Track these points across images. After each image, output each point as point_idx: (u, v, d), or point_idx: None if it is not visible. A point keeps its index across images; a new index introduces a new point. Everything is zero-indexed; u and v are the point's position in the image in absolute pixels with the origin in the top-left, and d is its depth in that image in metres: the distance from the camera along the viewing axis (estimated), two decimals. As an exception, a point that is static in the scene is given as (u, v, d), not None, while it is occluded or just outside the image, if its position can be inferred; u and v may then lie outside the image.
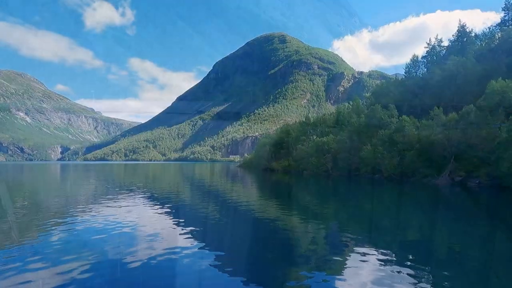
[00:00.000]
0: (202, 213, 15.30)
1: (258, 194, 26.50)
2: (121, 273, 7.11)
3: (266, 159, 64.89)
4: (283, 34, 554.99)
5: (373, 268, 7.50)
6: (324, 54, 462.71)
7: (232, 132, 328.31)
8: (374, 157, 37.06)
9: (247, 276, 7.16)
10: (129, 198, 20.39)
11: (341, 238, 10.58)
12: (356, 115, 50.51)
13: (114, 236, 10.34)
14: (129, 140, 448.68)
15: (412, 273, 7.06)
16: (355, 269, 7.42)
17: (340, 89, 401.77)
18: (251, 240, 10.55)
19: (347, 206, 19.38)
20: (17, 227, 11.69)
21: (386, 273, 7.09)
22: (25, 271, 7.13)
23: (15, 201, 19.13)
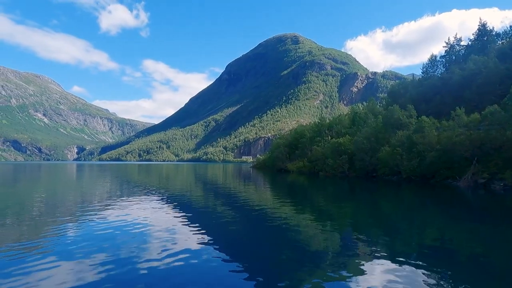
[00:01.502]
0: (216, 213, 15.27)
1: (273, 195, 26.32)
2: (135, 271, 7.16)
3: (280, 160, 64.65)
4: (295, 34, 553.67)
5: (389, 271, 7.30)
6: (337, 54, 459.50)
7: (245, 133, 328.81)
8: (393, 158, 36.41)
9: (260, 276, 7.09)
10: (143, 197, 20.60)
11: (357, 240, 10.36)
12: (373, 115, 49.81)
13: (128, 235, 10.46)
14: (143, 140, 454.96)
15: (429, 278, 6.85)
16: (370, 272, 7.24)
17: (353, 89, 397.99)
18: (265, 241, 10.44)
19: (364, 207, 19.01)
20: (35, 225, 11.95)
21: (402, 277, 6.90)
22: (41, 268, 7.26)
23: (34, 200, 19.62)
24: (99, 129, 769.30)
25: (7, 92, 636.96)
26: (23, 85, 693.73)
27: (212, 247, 9.21)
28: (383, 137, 41.80)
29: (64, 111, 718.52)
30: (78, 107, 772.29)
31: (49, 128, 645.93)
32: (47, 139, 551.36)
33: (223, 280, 6.84)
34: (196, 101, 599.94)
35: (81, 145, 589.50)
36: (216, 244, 9.50)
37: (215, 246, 9.27)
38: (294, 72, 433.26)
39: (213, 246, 9.26)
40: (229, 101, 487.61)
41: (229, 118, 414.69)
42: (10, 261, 7.72)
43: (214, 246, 9.26)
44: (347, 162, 45.02)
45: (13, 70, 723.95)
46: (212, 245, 9.42)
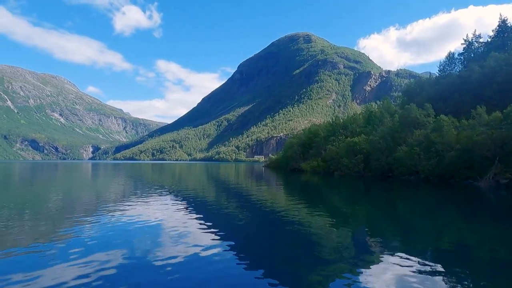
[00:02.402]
0: (228, 213, 15.24)
1: (286, 194, 26.19)
2: (148, 269, 7.23)
3: (294, 159, 64.36)
4: (308, 33, 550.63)
5: (405, 272, 7.11)
6: (350, 53, 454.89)
7: (257, 133, 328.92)
8: (410, 158, 35.79)
9: (272, 276, 7.03)
10: (156, 196, 20.77)
11: (373, 241, 10.17)
12: (389, 114, 49.07)
13: (142, 233, 10.57)
14: (156, 140, 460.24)
15: (447, 281, 6.67)
16: (385, 273, 7.08)
17: (366, 88, 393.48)
18: (278, 241, 10.34)
19: (380, 207, 18.67)
20: (53, 222, 12.19)
21: (418, 279, 6.72)
22: (58, 264, 7.41)
23: (52, 198, 20.08)
24: (114, 128, 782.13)
25: (25, 93, 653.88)
26: (40, 85, 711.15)
27: (225, 246, 9.21)
28: (400, 137, 41.14)
29: (80, 111, 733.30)
30: (93, 107, 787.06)
31: (65, 127, 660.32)
32: (63, 139, 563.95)
33: (236, 279, 6.83)
34: (209, 100, 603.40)
35: (96, 144, 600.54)
36: (228, 244, 9.49)
37: (228, 245, 9.27)
38: (307, 71, 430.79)
39: (225, 245, 9.26)
40: (241, 100, 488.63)
41: (241, 118, 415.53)
42: (29, 257, 7.92)
43: (227, 245, 9.27)
44: (362, 162, 44.49)
45: (31, 71, 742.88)
46: (225, 244, 9.42)
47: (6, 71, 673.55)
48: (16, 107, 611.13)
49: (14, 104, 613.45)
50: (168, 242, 9.47)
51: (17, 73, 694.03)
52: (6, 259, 7.70)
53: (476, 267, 7.84)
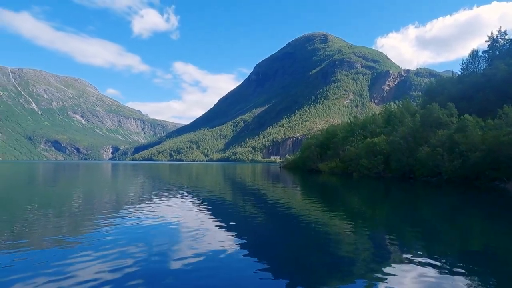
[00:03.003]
0: (244, 213, 15.25)
1: (303, 195, 26.01)
2: (165, 268, 7.33)
3: (311, 160, 63.89)
4: (324, 33, 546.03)
5: (426, 277, 6.90)
6: (368, 52, 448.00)
7: (273, 133, 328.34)
8: (433, 159, 34.90)
9: (288, 278, 6.99)
10: (174, 196, 21.06)
11: (392, 243, 9.94)
12: (410, 114, 48.03)
13: (160, 232, 10.76)
14: (173, 141, 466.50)
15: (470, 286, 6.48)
16: (404, 278, 6.89)
17: (385, 88, 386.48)
18: (294, 242, 10.26)
19: (401, 209, 18.23)
20: (74, 221, 12.55)
21: (440, 284, 6.54)
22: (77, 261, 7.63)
23: (73, 197, 20.74)
24: (132, 129, 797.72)
25: (48, 96, 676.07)
26: (62, 88, 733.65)
27: (241, 246, 9.24)
28: (421, 137, 40.22)
29: (100, 113, 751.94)
30: (113, 108, 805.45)
31: (86, 129, 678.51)
32: (84, 140, 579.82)
33: (252, 280, 6.82)
34: (225, 101, 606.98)
35: (116, 145, 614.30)
36: (244, 244, 9.51)
37: (243, 246, 9.29)
38: (323, 71, 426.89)
39: (241, 246, 9.28)
40: (258, 101, 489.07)
41: (258, 118, 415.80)
42: (52, 254, 8.18)
43: (242, 246, 9.28)
44: (382, 163, 43.71)
45: (54, 75, 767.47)
46: (240, 244, 9.44)
47: (30, 74, 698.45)
48: (40, 109, 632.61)
49: (38, 106, 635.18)
50: (185, 241, 9.60)
51: (41, 77, 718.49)
52: (31, 256, 7.99)
53: (502, 272, 7.56)
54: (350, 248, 9.30)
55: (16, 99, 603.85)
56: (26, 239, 9.61)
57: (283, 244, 9.95)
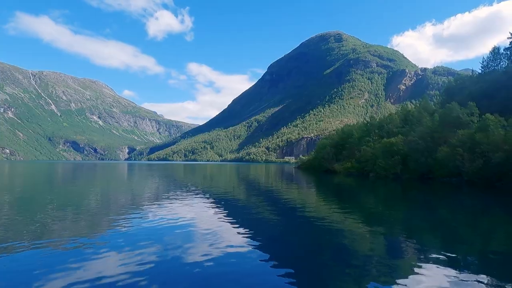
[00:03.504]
0: (258, 214, 15.24)
1: (318, 196, 25.81)
2: (179, 267, 7.42)
3: (327, 160, 63.26)
4: (339, 32, 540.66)
5: (445, 280, 6.73)
6: (383, 51, 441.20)
7: (287, 133, 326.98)
8: (453, 159, 34.05)
9: (302, 279, 6.91)
10: (188, 196, 21.27)
11: (410, 245, 9.71)
12: (428, 114, 47.01)
13: (174, 232, 10.89)
14: (188, 141, 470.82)
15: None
16: (422, 281, 6.74)
17: (401, 87, 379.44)
18: (308, 242, 10.21)
19: (419, 211, 17.77)
20: (91, 220, 12.85)
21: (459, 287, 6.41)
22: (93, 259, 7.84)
23: (91, 197, 21.20)
24: (148, 130, 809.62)
25: (67, 97, 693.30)
26: (80, 90, 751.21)
27: (255, 247, 9.23)
28: (440, 137, 39.30)
29: (117, 114, 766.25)
30: (129, 109, 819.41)
31: (104, 129, 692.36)
32: (101, 140, 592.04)
33: (265, 281, 6.81)
34: (239, 102, 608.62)
35: (132, 145, 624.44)
36: (258, 244, 9.50)
37: (258, 247, 9.28)
38: (338, 70, 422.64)
39: (255, 247, 9.27)
40: (271, 101, 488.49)
41: (271, 119, 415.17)
42: (69, 253, 8.38)
43: (257, 247, 9.27)
44: (399, 163, 42.90)
45: (72, 77, 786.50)
46: (255, 245, 9.43)
47: (50, 77, 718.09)
48: (59, 110, 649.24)
49: (57, 108, 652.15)
50: (200, 242, 9.67)
51: (60, 79, 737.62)
52: (50, 253, 8.24)
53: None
54: (366, 250, 9.16)
55: (37, 101, 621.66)
56: (46, 237, 9.88)
57: (298, 245, 9.90)
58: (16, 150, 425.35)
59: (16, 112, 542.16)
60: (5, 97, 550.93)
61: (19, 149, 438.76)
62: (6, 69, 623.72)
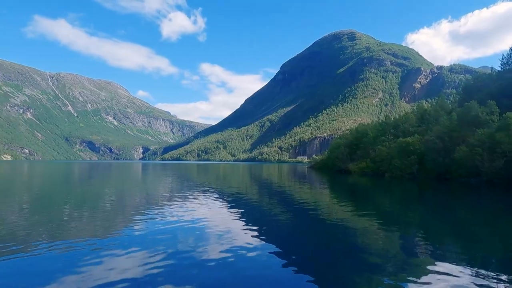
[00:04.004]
0: (271, 214, 15.20)
1: (332, 196, 25.55)
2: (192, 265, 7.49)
3: (341, 160, 62.68)
4: (352, 31, 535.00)
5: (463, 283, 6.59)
6: (398, 49, 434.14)
7: (300, 133, 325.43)
8: (472, 159, 33.26)
9: (315, 280, 6.84)
10: (202, 196, 21.46)
11: (425, 248, 9.48)
12: (445, 112, 46.03)
13: (187, 231, 11.02)
14: (201, 141, 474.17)
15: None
16: (439, 283, 6.61)
17: (416, 86, 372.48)
18: (322, 243, 10.12)
19: (436, 212, 17.35)
20: (107, 219, 13.12)
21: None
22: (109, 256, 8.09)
23: (107, 196, 21.59)
24: (162, 130, 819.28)
25: (83, 98, 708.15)
26: (96, 91, 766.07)
27: (268, 246, 9.24)
28: (458, 136, 38.45)
29: (131, 114, 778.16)
30: (143, 110, 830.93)
31: (118, 130, 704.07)
32: (116, 140, 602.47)
33: (279, 281, 6.79)
34: (251, 102, 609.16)
35: (146, 145, 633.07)
36: (272, 244, 9.49)
37: (271, 246, 9.28)
38: (351, 69, 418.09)
39: (268, 246, 9.28)
40: (284, 101, 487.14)
41: (284, 118, 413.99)
42: (84, 251, 8.58)
43: (270, 246, 9.27)
44: (416, 163, 42.15)
45: (88, 78, 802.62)
46: (268, 244, 9.43)
47: (67, 78, 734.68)
48: (75, 111, 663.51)
49: (74, 108, 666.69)
50: (213, 241, 9.76)
51: (77, 80, 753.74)
52: (67, 252, 8.42)
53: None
54: (381, 250, 9.05)
55: (54, 102, 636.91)
56: (63, 237, 10.12)
57: (312, 245, 9.86)
58: (34, 150, 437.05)
59: (35, 113, 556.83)
60: (24, 99, 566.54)
61: (38, 149, 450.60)
62: (25, 71, 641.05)
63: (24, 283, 6.46)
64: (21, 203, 17.82)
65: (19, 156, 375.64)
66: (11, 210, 14.85)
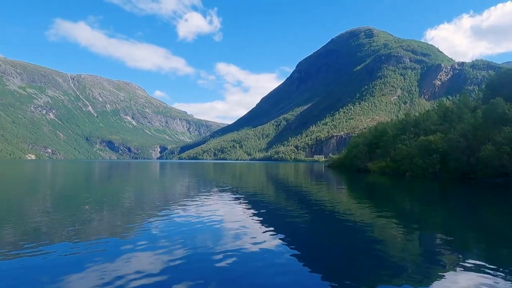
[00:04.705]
0: (288, 213, 15.03)
1: (351, 195, 25.17)
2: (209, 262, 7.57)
3: (359, 159, 61.73)
4: (369, 28, 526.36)
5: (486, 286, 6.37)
6: (417, 45, 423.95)
7: (316, 132, 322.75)
8: (498, 158, 32.08)
9: (332, 280, 6.79)
10: (218, 194, 21.60)
11: (447, 251, 9.12)
12: (469, 110, 44.59)
13: (204, 228, 11.14)
14: (217, 140, 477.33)
15: None
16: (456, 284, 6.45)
17: (436, 83, 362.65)
18: (339, 243, 9.96)
19: (460, 212, 16.83)
20: (127, 216, 13.37)
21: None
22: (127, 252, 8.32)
23: (126, 194, 22.06)
24: (179, 130, 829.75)
25: (103, 99, 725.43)
26: (115, 91, 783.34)
27: (284, 245, 9.17)
28: (483, 134, 37.18)
29: (149, 114, 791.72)
30: (160, 110, 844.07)
31: (137, 129, 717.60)
32: (135, 140, 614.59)
33: (295, 280, 6.75)
34: (267, 101, 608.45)
35: (163, 144, 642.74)
36: (288, 243, 9.41)
37: (287, 245, 9.20)
38: (369, 67, 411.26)
39: (284, 245, 9.21)
40: (300, 99, 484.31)
41: (300, 117, 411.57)
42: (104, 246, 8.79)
43: (286, 245, 9.20)
44: (438, 162, 41.02)
45: (107, 79, 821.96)
46: (284, 243, 9.36)
47: (87, 80, 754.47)
48: (95, 111, 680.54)
49: (94, 109, 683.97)
50: (229, 239, 9.80)
51: (96, 81, 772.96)
52: (88, 247, 8.67)
53: None
54: (400, 252, 8.81)
55: (75, 103, 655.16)
56: (84, 232, 10.43)
57: (329, 245, 9.73)
58: (57, 149, 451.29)
59: (57, 113, 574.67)
60: (47, 100, 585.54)
61: (60, 148, 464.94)
62: (48, 73, 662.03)
63: (49, 276, 6.69)
64: (45, 201, 18.47)
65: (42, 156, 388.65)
66: (36, 208, 15.42)
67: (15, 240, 9.41)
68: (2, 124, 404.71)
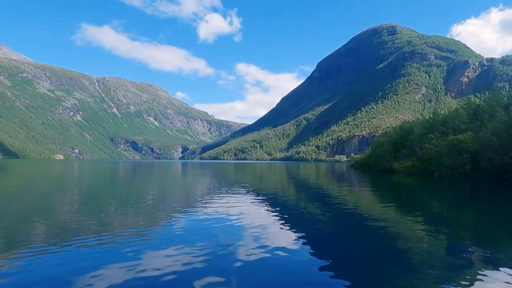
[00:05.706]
0: (309, 214, 14.75)
1: (375, 196, 24.37)
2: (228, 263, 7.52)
3: (384, 159, 60.30)
4: (392, 25, 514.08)
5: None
6: (442, 41, 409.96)
7: (338, 131, 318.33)
8: (535, 158, 30.43)
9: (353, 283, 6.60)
10: (239, 194, 21.56)
11: (478, 254, 8.60)
12: (502, 107, 42.61)
13: (224, 228, 11.08)
14: (238, 140, 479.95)
15: None
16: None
17: (463, 80, 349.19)
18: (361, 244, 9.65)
19: (493, 215, 15.89)
20: (148, 215, 13.54)
21: None
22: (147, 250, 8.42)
23: (148, 193, 22.46)
24: (200, 130, 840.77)
25: (127, 100, 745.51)
26: (138, 93, 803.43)
27: (304, 247, 9.03)
28: (518, 133, 35.32)
29: (171, 115, 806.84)
30: (182, 111, 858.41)
31: (159, 130, 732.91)
32: (157, 140, 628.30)
33: (315, 282, 6.66)
34: (287, 100, 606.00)
35: (185, 145, 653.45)
36: (308, 245, 9.24)
37: (308, 246, 9.05)
38: (392, 65, 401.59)
39: (305, 246, 9.07)
40: (320, 99, 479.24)
41: (321, 117, 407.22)
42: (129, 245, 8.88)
43: (307, 246, 9.05)
44: (469, 162, 39.43)
45: (131, 81, 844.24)
46: (304, 245, 9.21)
47: (112, 82, 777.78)
48: (120, 113, 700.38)
49: (118, 110, 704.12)
50: (249, 239, 9.75)
51: (120, 83, 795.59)
52: (110, 247, 8.78)
53: None
54: (426, 256, 8.39)
55: (101, 105, 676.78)
56: (108, 230, 10.63)
57: (350, 247, 9.48)
58: (83, 150, 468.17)
59: (84, 115, 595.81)
60: (74, 102, 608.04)
61: (86, 149, 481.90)
62: (75, 76, 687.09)
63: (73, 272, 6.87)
64: (73, 199, 19.17)
65: (70, 156, 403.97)
66: (63, 206, 15.97)
67: (45, 236, 9.84)
68: (33, 126, 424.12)
